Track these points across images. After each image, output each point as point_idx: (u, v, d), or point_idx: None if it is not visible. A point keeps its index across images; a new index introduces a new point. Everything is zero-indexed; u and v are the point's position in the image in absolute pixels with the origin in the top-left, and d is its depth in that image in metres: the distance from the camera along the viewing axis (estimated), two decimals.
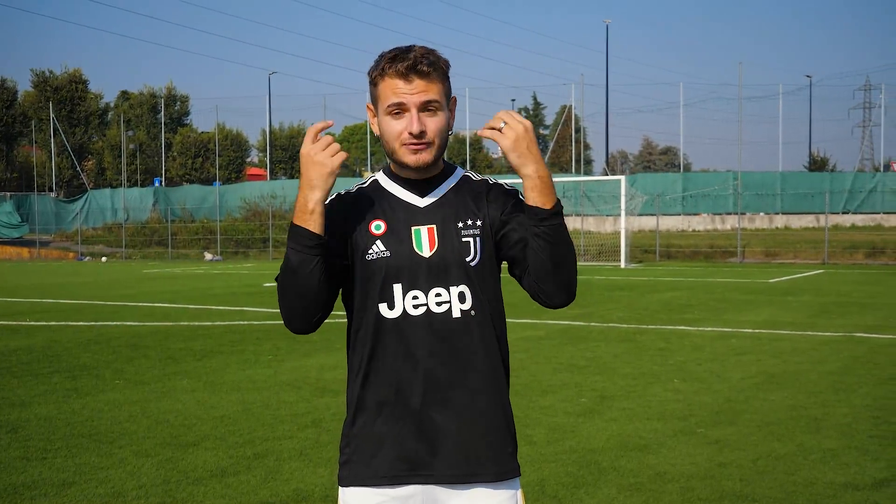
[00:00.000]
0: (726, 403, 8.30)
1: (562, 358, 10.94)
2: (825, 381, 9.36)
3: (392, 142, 2.54)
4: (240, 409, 8.21)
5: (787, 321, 14.71)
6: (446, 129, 2.58)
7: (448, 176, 2.68)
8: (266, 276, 29.53)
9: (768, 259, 36.39)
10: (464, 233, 2.57)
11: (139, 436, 7.21)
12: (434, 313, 2.53)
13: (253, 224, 48.79)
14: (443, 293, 2.54)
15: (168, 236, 49.42)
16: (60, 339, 13.16)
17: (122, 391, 9.11)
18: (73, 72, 69.72)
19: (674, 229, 45.39)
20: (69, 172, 65.76)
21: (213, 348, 12.06)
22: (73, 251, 50.96)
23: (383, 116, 2.54)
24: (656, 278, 26.43)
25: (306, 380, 9.57)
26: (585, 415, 7.88)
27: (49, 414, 8.04)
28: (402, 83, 2.48)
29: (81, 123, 68.41)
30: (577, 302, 17.86)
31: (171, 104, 71.10)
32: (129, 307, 18.38)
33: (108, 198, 57.27)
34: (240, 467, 6.31)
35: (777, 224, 45.75)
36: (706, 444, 6.87)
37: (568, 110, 60.48)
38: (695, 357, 11.02)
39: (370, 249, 2.56)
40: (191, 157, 67.30)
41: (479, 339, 2.57)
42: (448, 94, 2.58)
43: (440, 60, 2.54)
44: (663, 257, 37.81)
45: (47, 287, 25.30)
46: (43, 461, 6.48)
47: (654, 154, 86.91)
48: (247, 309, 17.65)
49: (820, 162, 62.24)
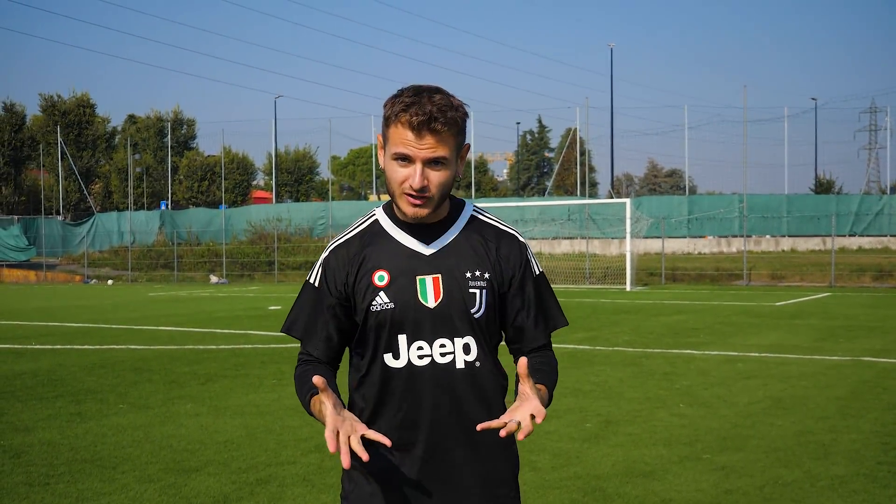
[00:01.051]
0: (733, 429, 8.24)
1: (567, 382, 10.88)
2: (833, 406, 9.30)
3: (394, 187, 2.51)
4: (243, 433, 8.17)
5: (794, 345, 14.63)
6: (450, 183, 2.52)
7: (455, 218, 2.63)
8: (271, 299, 29.51)
9: (774, 282, 36.28)
10: (471, 283, 2.55)
11: (142, 461, 7.17)
12: (438, 364, 2.53)
13: (258, 247, 48.80)
14: (447, 344, 2.53)
15: (174, 259, 49.43)
16: (65, 362, 13.13)
17: (126, 416, 9.07)
18: (80, 96, 70.06)
19: (679, 252, 45.28)
20: (76, 196, 65.93)
21: (218, 372, 12.02)
22: (80, 274, 50.99)
23: (389, 160, 2.49)
24: (662, 301, 26.36)
25: None
26: (590, 440, 7.82)
27: (52, 439, 8.01)
28: (413, 136, 2.42)
29: (89, 147, 68.69)
30: (582, 325, 17.91)
31: (178, 128, 71.34)
32: (133, 330, 18.36)
33: (114, 221, 57.35)
34: (243, 493, 6.26)
35: (783, 247, 45.64)
36: (712, 470, 6.81)
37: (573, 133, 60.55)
38: (701, 381, 10.96)
39: (374, 301, 2.54)
40: (197, 181, 67.49)
41: (483, 390, 2.57)
42: (459, 147, 2.53)
43: (457, 115, 2.46)
44: (669, 280, 37.72)
45: (53, 310, 25.29)
46: (45, 487, 6.44)
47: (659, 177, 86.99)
48: (251, 332, 17.61)
49: (826, 184, 62.17)
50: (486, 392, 2.58)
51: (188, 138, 72.80)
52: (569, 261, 40.45)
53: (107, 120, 72.65)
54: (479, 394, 2.56)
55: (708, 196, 53.27)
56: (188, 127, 72.78)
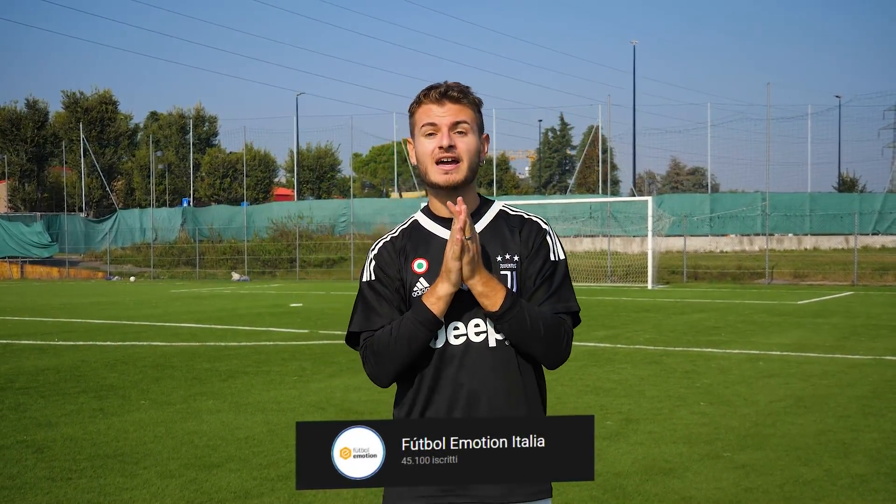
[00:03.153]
0: (753, 427, 8.23)
1: (587, 380, 10.89)
2: (854, 404, 9.26)
3: (425, 160, 2.73)
4: (264, 430, 8.22)
5: (816, 344, 14.57)
6: (477, 152, 2.76)
7: (484, 212, 2.84)
8: (292, 296, 29.61)
9: (797, 281, 36.11)
10: (502, 266, 2.73)
11: (164, 457, 7.23)
12: (473, 343, 2.68)
13: (280, 244, 49.00)
14: (481, 323, 2.69)
15: (196, 256, 49.70)
16: (88, 358, 13.24)
17: (148, 411, 9.14)
18: (103, 93, 70.35)
19: (701, 250, 45.09)
20: (99, 193, 66.28)
21: (239, 369, 12.09)
22: (102, 271, 51.35)
23: (419, 139, 2.75)
24: (683, 300, 26.28)
25: (331, 401, 9.58)
26: (611, 438, 7.83)
27: (75, 434, 8.08)
28: (436, 107, 2.72)
29: (111, 144, 69.00)
30: (603, 323, 17.90)
31: (200, 125, 71.56)
32: (156, 327, 18.48)
33: (136, 218, 57.72)
34: (263, 489, 6.31)
35: (806, 245, 45.37)
36: (733, 468, 6.81)
37: (595, 131, 60.39)
38: (722, 380, 10.94)
39: (416, 287, 2.73)
40: (219, 178, 67.70)
41: (515, 367, 2.70)
42: (480, 125, 2.79)
43: (472, 92, 2.77)
44: (690, 278, 37.59)
45: (76, 307, 25.49)
46: (68, 482, 6.50)
47: (681, 175, 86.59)
48: (273, 329, 17.70)
49: (849, 183, 61.76)
50: (519, 367, 2.70)
51: (210, 135, 73.01)
52: (590, 259, 40.40)
53: (129, 117, 72.98)
54: (511, 369, 2.69)
55: (730, 194, 52.86)
56: (210, 124, 73.00)
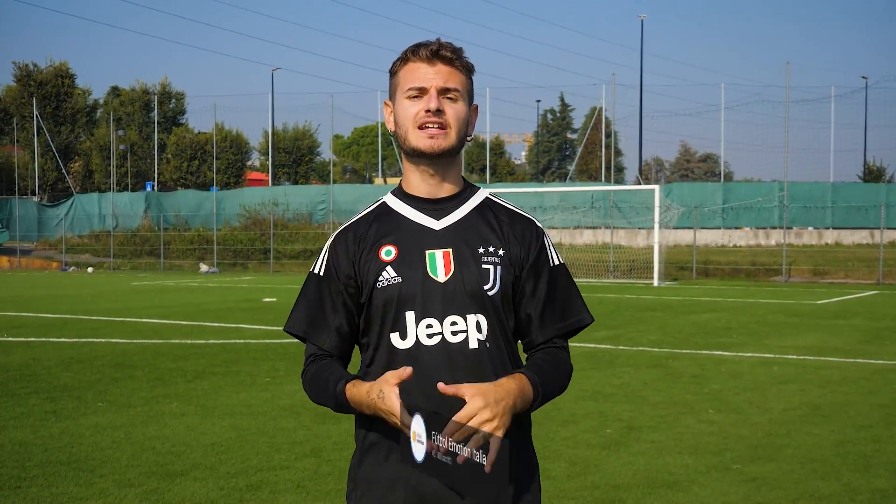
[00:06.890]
0: (766, 437, 8.27)
1: (586, 384, 10.92)
2: (876, 413, 9.31)
3: (406, 124, 2.59)
4: (233, 435, 8.23)
5: (836, 347, 14.64)
6: (465, 123, 2.62)
7: (468, 197, 2.70)
8: (266, 290, 29.60)
9: (816, 278, 36.23)
10: (484, 259, 2.59)
11: (122, 464, 7.23)
12: (450, 343, 2.53)
13: (253, 233, 48.91)
14: (459, 321, 2.54)
15: (160, 246, 49.57)
16: (39, 356, 13.21)
17: (105, 415, 9.14)
18: (59, 65, 70.07)
19: (713, 244, 45.26)
20: (54, 175, 66.06)
21: (206, 369, 12.09)
22: (57, 261, 51.21)
23: (401, 101, 2.61)
24: (692, 298, 26.36)
25: (306, 405, 9.58)
26: (610, 447, 7.86)
27: (24, 439, 8.08)
28: (425, 65, 2.58)
29: (68, 122, 68.76)
30: (604, 323, 17.94)
31: (166, 102, 71.35)
32: (115, 322, 18.45)
33: (95, 203, 57.55)
34: (231, 500, 6.32)
35: (827, 240, 45.58)
36: (742, 481, 6.84)
37: (598, 113, 60.50)
38: (732, 385, 10.98)
39: (381, 276, 2.57)
40: (186, 160, 67.52)
41: (497, 373, 2.54)
42: (470, 94, 2.66)
43: (464, 55, 2.63)
44: (700, 275, 37.69)
45: (27, 299, 25.42)
46: (16, 490, 6.50)
47: (691, 161, 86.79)
48: (244, 326, 17.70)
49: (876, 172, 61.94)
50: (502, 374, 2.54)
51: (177, 113, 72.81)
52: (591, 252, 40.46)
53: (87, 92, 72.63)
54: (492, 375, 2.51)
55: (745, 183, 53.10)
56: (177, 101, 72.79)
